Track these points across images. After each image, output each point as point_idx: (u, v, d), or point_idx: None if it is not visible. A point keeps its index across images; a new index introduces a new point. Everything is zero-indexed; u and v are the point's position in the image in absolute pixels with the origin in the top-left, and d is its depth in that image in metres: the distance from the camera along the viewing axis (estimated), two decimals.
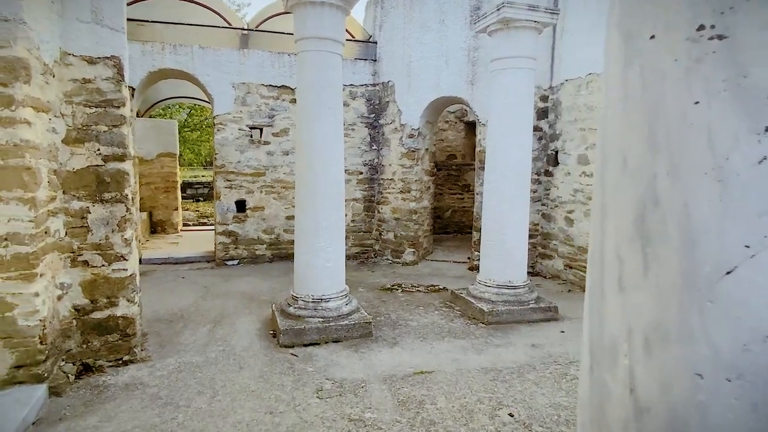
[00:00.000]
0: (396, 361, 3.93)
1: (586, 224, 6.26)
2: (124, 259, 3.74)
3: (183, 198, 14.41)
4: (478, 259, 7.18)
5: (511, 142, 4.96)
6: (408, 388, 3.48)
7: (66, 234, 3.54)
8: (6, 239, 2.98)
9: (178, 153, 10.55)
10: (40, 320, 3.15)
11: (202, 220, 13.35)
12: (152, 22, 6.69)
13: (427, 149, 7.77)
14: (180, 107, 17.46)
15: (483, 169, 6.99)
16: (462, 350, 4.18)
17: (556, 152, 6.85)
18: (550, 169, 6.98)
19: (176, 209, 10.35)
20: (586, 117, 6.28)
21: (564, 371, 3.82)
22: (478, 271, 7.04)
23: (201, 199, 18.09)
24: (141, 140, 9.78)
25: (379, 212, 7.91)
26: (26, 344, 3.10)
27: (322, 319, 4.34)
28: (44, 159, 3.23)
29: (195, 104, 17.27)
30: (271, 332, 4.53)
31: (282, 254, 7.68)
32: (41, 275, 3.17)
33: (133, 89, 6.72)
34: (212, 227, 11.72)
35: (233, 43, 7.22)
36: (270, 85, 7.32)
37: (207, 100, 10.66)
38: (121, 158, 3.67)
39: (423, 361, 3.95)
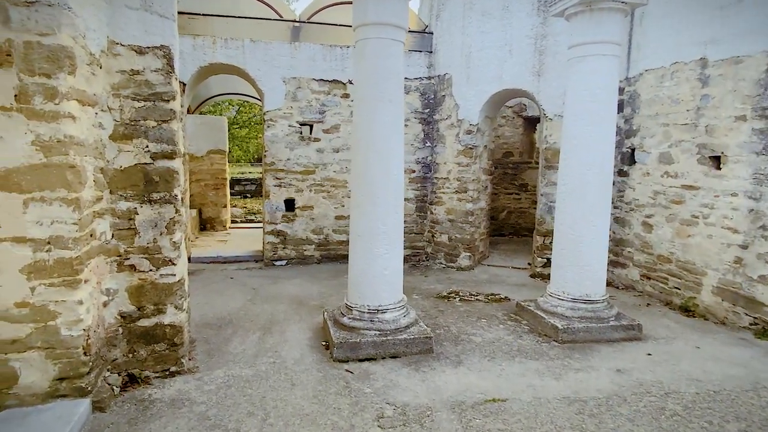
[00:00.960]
0: (463, 385, 3.50)
1: (669, 231, 5.58)
2: (173, 264, 3.49)
3: (231, 194, 14.48)
4: (541, 266, 6.64)
5: (592, 139, 4.40)
6: (480, 419, 3.04)
7: (112, 236, 3.32)
8: (48, 243, 2.77)
9: (227, 150, 10.50)
10: (84, 329, 2.93)
11: (249, 217, 13.35)
12: (204, 15, 6.52)
13: (485, 146, 7.25)
14: (230, 104, 17.63)
15: (549, 168, 6.42)
16: (537, 374, 3.69)
17: (632, 150, 6.18)
18: (625, 168, 6.31)
19: (225, 206, 10.30)
20: (670, 111, 5.59)
21: (660, 405, 3.27)
22: (541, 279, 6.52)
23: (248, 195, 18.22)
24: (191, 137, 9.78)
25: (432, 213, 7.48)
26: (69, 355, 2.89)
27: (378, 332, 3.96)
28: (90, 156, 3.01)
29: (244, 101, 17.40)
30: (324, 343, 4.20)
31: (331, 255, 7.39)
32: (86, 281, 2.94)
33: (184, 84, 6.59)
34: (260, 224, 11.68)
35: (284, 36, 6.97)
36: (321, 80, 7.02)
37: (257, 96, 10.56)
38: (171, 156, 3.41)
39: (493, 385, 3.50)
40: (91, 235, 3.05)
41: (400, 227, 4.14)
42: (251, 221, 12.45)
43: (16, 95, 2.62)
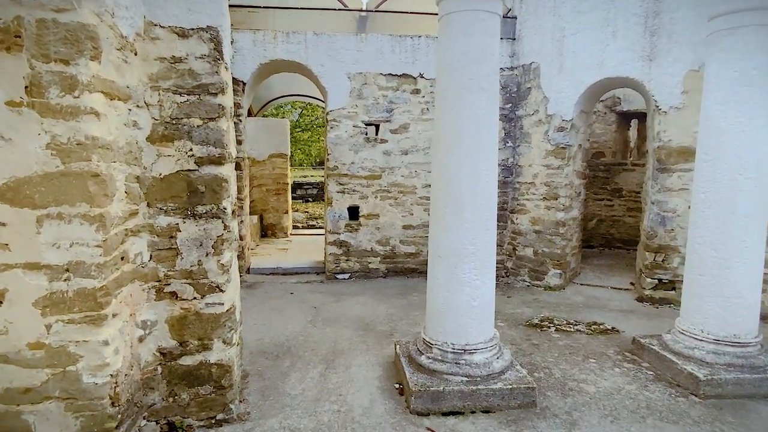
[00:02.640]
0: None
1: None
2: (220, 290, 2.89)
3: (292, 199, 14.21)
4: (651, 288, 5.55)
5: (745, 135, 3.37)
6: None
7: (150, 258, 2.77)
8: (67, 270, 2.23)
9: (289, 153, 10.10)
10: (111, 375, 2.37)
11: (311, 222, 12.97)
12: (264, 7, 6.04)
13: (580, 146, 6.24)
14: (292, 106, 17.47)
15: (663, 171, 5.34)
16: None
17: None
18: None
19: (286, 212, 9.90)
20: None
21: None
22: (651, 304, 5.43)
23: (310, 199, 17.99)
24: (252, 140, 9.45)
25: (513, 222, 6.56)
26: (92, 407, 2.34)
27: (466, 379, 3.17)
28: (120, 162, 2.46)
29: (307, 103, 17.17)
30: (397, 386, 3.47)
31: (398, 269, 6.67)
32: (113, 316, 2.39)
33: (244, 83, 6.14)
34: (321, 230, 11.22)
35: (349, 28, 6.36)
36: (389, 74, 6.33)
37: (320, 98, 10.10)
38: (219, 161, 2.82)
39: None
40: (122, 258, 2.50)
41: (492, 247, 3.33)
42: (312, 227, 12.03)
43: (27, 87, 2.09)
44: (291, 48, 6.11)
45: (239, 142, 6.21)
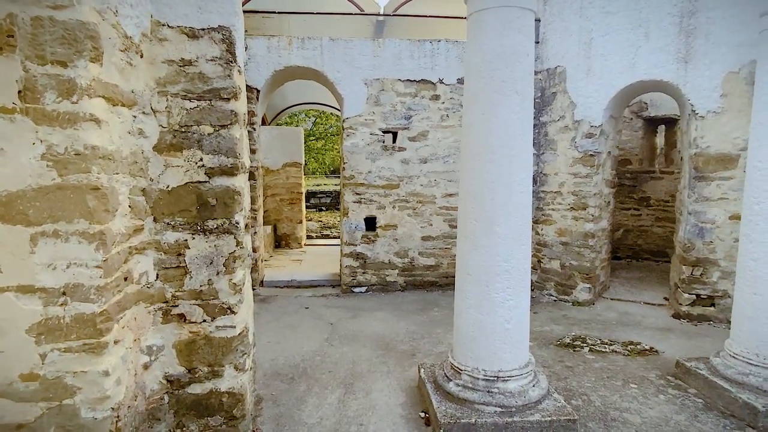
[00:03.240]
0: None
1: None
2: (232, 312, 2.66)
3: (306, 208, 14.06)
4: (689, 304, 5.20)
5: None
6: None
7: (157, 277, 2.55)
8: (64, 293, 2.01)
9: (303, 162, 9.92)
10: (113, 408, 2.14)
11: (325, 232, 12.77)
12: (279, 13, 5.88)
13: (609, 153, 5.93)
14: (307, 115, 17.37)
15: (701, 179, 5.02)
16: None
17: None
18: None
19: (300, 222, 9.70)
20: None
21: None
22: (689, 321, 5.07)
23: (324, 208, 17.82)
24: (266, 149, 9.30)
25: (538, 234, 6.26)
26: None
27: (500, 410, 2.88)
28: (124, 174, 2.25)
29: (321, 111, 17.07)
30: (422, 415, 3.19)
31: (416, 282, 6.40)
32: (115, 343, 2.17)
33: (258, 91, 5.96)
34: (336, 240, 11.01)
35: (366, 33, 6.17)
36: (407, 80, 6.11)
37: (335, 105, 9.93)
38: (231, 171, 2.60)
39: None
40: (125, 279, 2.28)
41: (527, 264, 3.05)
42: (327, 236, 11.83)
43: (20, 91, 1.89)
44: (306, 54, 5.92)
45: (253, 151, 6.03)
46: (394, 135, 6.26)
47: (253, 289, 6.20)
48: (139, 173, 2.40)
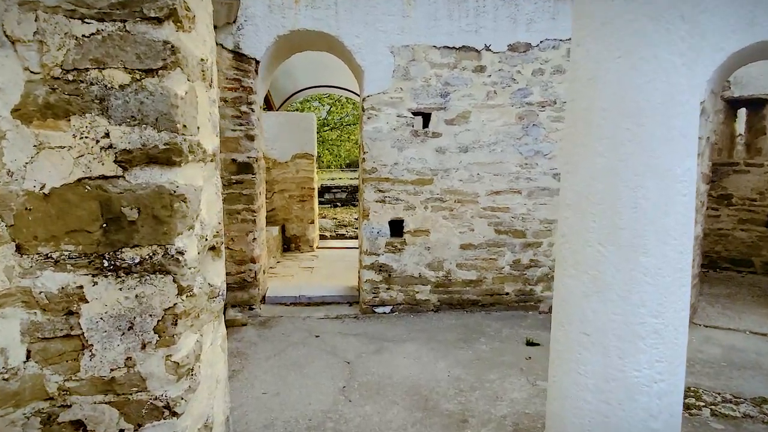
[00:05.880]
0: None
1: None
2: (173, 413, 1.47)
3: (319, 203, 12.89)
4: None
5: None
6: None
7: (29, 357, 1.36)
8: None
9: (316, 154, 8.72)
10: None
11: (340, 231, 11.56)
12: None
13: (707, 139, 4.58)
14: (320, 102, 16.14)
15: None
16: None
17: None
18: None
19: (312, 222, 8.52)
20: None
21: None
22: None
23: (338, 204, 16.64)
24: (273, 139, 8.12)
25: None
26: None
27: None
28: None
29: (336, 99, 15.83)
30: None
31: (453, 300, 5.16)
32: None
33: (257, 62, 4.76)
34: (352, 241, 9.77)
35: None
36: (444, 47, 4.84)
37: (351, 89, 8.68)
38: (166, 158, 1.42)
39: None
40: None
41: (685, 318, 1.79)
42: (342, 236, 10.64)
43: None
44: (317, 14, 4.69)
45: (251, 138, 4.83)
46: (427, 117, 5.00)
47: (252, 309, 5.03)
48: None
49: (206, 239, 1.68)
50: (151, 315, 1.42)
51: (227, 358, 3.79)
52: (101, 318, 1.39)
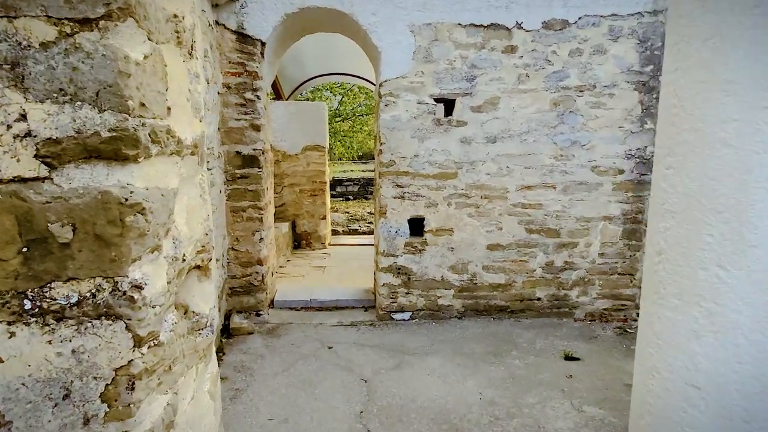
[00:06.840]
0: None
1: None
2: None
3: (331, 197, 12.48)
4: None
5: None
6: None
7: None
8: None
9: (327, 146, 8.27)
10: None
11: (352, 226, 11.14)
12: None
13: None
14: (332, 92, 15.65)
15: None
16: None
17: None
18: None
19: (324, 218, 8.09)
20: None
21: None
22: None
23: (351, 197, 16.22)
24: (282, 129, 7.69)
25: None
26: None
27: None
28: None
29: (348, 89, 15.33)
30: None
31: (479, 306, 4.70)
32: None
33: (263, 44, 4.30)
34: (365, 237, 9.31)
35: None
36: (471, 25, 4.34)
37: (365, 77, 8.21)
38: (115, 149, 0.95)
39: None
40: None
41: None
42: (355, 231, 10.21)
43: None
44: None
45: (256, 128, 4.40)
46: (450, 104, 4.51)
47: (259, 315, 4.63)
48: None
49: (184, 260, 1.24)
50: (95, 377, 0.99)
51: (232, 372, 3.39)
52: (23, 384, 0.97)
